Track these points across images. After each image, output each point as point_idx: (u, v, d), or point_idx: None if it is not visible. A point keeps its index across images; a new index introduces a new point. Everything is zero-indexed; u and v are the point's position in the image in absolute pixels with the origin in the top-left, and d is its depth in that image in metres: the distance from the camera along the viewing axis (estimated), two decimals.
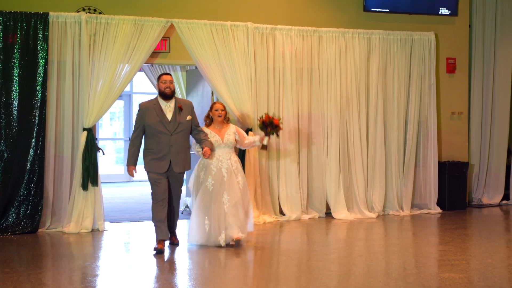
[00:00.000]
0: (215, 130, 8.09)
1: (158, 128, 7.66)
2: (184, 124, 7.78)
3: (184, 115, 7.79)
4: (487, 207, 11.23)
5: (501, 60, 11.47)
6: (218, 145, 7.99)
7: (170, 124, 7.70)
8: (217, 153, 7.98)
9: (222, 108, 8.16)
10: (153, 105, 7.75)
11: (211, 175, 7.88)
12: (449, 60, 11.16)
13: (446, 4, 10.96)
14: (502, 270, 6.75)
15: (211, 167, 7.92)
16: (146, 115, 7.70)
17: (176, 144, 7.71)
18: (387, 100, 10.54)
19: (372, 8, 10.60)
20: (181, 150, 7.76)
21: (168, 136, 7.67)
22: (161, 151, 7.68)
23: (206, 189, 7.86)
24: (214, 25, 9.60)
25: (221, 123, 8.14)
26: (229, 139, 8.05)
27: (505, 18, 11.46)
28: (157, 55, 9.64)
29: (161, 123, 7.66)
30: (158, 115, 7.67)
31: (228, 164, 7.95)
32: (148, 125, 7.69)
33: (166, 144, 7.67)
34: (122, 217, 10.45)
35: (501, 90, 11.48)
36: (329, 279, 6.27)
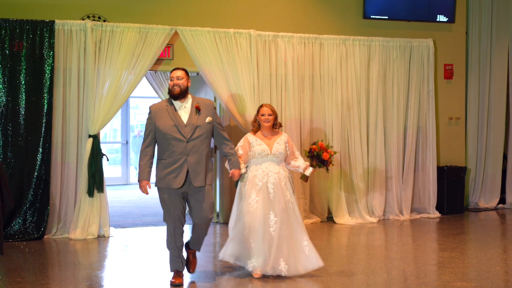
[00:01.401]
0: (263, 138, 6.84)
1: (172, 134, 6.24)
2: (203, 127, 6.34)
3: (203, 117, 6.36)
4: (483, 211, 11.26)
5: (497, 66, 11.49)
6: (265, 155, 6.71)
7: (186, 129, 6.27)
8: (264, 165, 6.69)
9: (270, 112, 6.84)
10: (166, 106, 6.36)
11: (255, 190, 6.56)
12: (447, 66, 11.17)
13: (443, 12, 10.97)
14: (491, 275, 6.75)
15: (255, 181, 6.61)
16: (157, 118, 6.31)
17: (194, 152, 6.27)
18: (387, 106, 10.53)
19: (372, 16, 10.59)
20: (200, 159, 6.29)
21: (184, 143, 6.23)
22: (175, 162, 6.23)
23: (249, 206, 6.52)
24: (218, 33, 9.54)
25: (269, 130, 6.88)
26: (278, 150, 6.75)
27: (500, 25, 11.49)
28: (161, 62, 9.58)
29: (175, 128, 6.24)
30: (171, 118, 6.28)
31: (276, 179, 6.59)
32: (160, 130, 6.28)
33: (181, 153, 6.24)
34: (125, 222, 10.36)
35: (497, 96, 11.50)
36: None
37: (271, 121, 6.84)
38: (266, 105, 6.91)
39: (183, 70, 6.42)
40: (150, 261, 7.65)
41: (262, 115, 6.85)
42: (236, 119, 9.54)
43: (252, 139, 6.83)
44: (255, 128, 6.91)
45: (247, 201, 6.54)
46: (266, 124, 6.83)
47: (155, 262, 7.57)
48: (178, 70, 6.43)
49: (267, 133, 6.87)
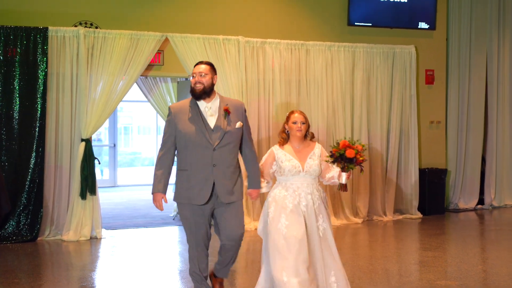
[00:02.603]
0: (293, 152, 5.50)
1: (196, 140, 5.18)
2: (233, 134, 5.29)
3: (233, 121, 5.31)
4: (463, 212, 11.44)
5: (476, 72, 11.68)
6: (296, 173, 5.42)
7: (214, 134, 5.21)
8: (295, 184, 5.43)
9: (302, 119, 5.51)
10: (188, 107, 5.29)
11: (285, 213, 5.34)
12: (428, 72, 11.35)
13: (425, 19, 11.14)
14: (493, 277, 6.91)
15: (285, 203, 5.36)
16: (178, 120, 5.26)
17: (222, 162, 5.22)
18: (371, 110, 10.68)
19: (356, 23, 10.72)
20: (229, 170, 5.27)
21: (210, 150, 5.18)
22: (199, 173, 5.19)
23: (279, 232, 5.32)
24: (207, 39, 9.63)
25: (300, 141, 5.54)
26: (312, 166, 5.44)
27: (478, 32, 11.67)
28: (151, 68, 9.64)
29: (200, 132, 5.19)
30: (195, 121, 5.21)
31: (309, 200, 5.37)
32: (182, 135, 5.22)
33: (207, 163, 5.18)
34: (116, 224, 10.41)
35: (475, 100, 11.69)
36: None
37: (303, 131, 5.53)
38: (298, 112, 5.61)
39: (208, 65, 5.36)
40: (141, 261, 7.72)
41: (293, 123, 5.51)
42: None
43: (280, 154, 5.51)
44: (283, 140, 5.59)
45: (276, 227, 5.33)
46: (298, 134, 5.49)
47: (147, 262, 7.66)
48: (202, 64, 5.37)
49: (298, 145, 5.54)
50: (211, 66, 5.36)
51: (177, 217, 10.72)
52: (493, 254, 8.16)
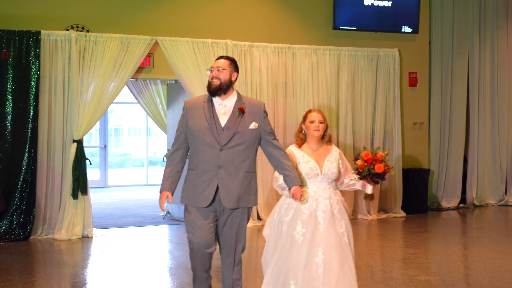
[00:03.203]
0: (310, 153, 5.17)
1: (204, 139, 4.85)
2: (244, 135, 4.88)
3: (247, 122, 4.90)
4: (445, 210, 11.65)
5: (458, 74, 11.90)
6: (313, 175, 5.06)
7: (223, 133, 4.84)
8: (311, 188, 5.06)
9: (321, 118, 5.17)
10: (202, 103, 4.95)
11: (301, 220, 4.98)
12: (411, 74, 11.56)
13: (408, 23, 11.35)
14: (472, 272, 7.13)
15: (301, 208, 5.01)
16: (191, 116, 4.94)
17: (228, 165, 4.83)
18: (355, 112, 10.87)
19: (341, 27, 10.91)
20: (236, 174, 4.86)
21: (217, 151, 4.82)
22: (204, 174, 4.85)
23: (294, 241, 4.96)
24: (196, 42, 9.78)
25: (318, 142, 5.19)
26: (330, 169, 5.09)
27: (460, 36, 11.89)
28: (142, 71, 9.77)
29: (209, 131, 4.84)
30: (206, 118, 4.88)
31: (327, 205, 4.99)
32: (191, 132, 4.91)
33: (212, 163, 4.83)
34: (107, 223, 10.53)
35: (457, 102, 11.91)
36: None
37: (322, 131, 5.16)
38: (316, 110, 5.27)
39: (228, 60, 4.99)
40: (132, 259, 7.87)
41: (311, 122, 5.16)
42: None
43: (298, 154, 5.14)
44: (300, 140, 5.22)
45: (291, 234, 4.97)
46: (316, 134, 5.14)
47: (137, 260, 7.81)
48: (222, 58, 5.01)
49: (316, 146, 5.19)
50: (232, 61, 4.99)
51: (167, 216, 10.87)
52: (473, 251, 8.38)
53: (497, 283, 6.48)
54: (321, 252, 4.89)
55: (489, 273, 6.94)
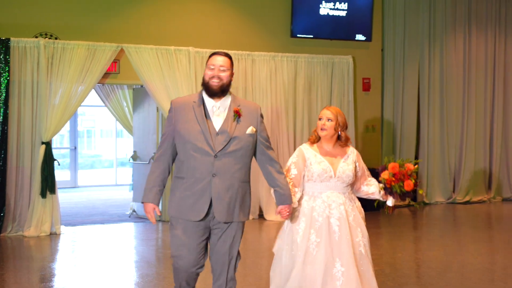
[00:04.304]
0: (324, 153, 4.66)
1: (196, 144, 4.29)
2: (241, 140, 4.35)
3: (244, 126, 4.36)
4: (397, 208, 12.15)
5: (409, 80, 12.45)
6: (326, 178, 4.57)
7: (218, 138, 4.30)
8: (324, 193, 4.58)
9: (330, 116, 4.63)
10: (192, 103, 4.36)
11: (315, 229, 4.49)
12: (365, 80, 12.09)
13: (361, 31, 11.87)
14: (410, 263, 7.66)
15: (313, 216, 4.51)
16: (179, 119, 4.37)
17: (224, 173, 4.29)
18: (312, 116, 11.35)
19: (298, 35, 11.39)
20: (232, 183, 4.32)
21: (211, 157, 4.27)
22: (196, 183, 4.29)
23: (308, 253, 4.47)
24: (160, 50, 10.17)
25: (330, 142, 4.67)
26: (345, 172, 4.60)
27: (411, 43, 12.45)
28: (108, 76, 10.13)
29: (202, 135, 4.29)
30: (198, 121, 4.31)
31: (342, 211, 4.54)
32: (181, 136, 4.34)
33: (205, 172, 4.28)
34: (75, 221, 10.87)
35: (409, 106, 12.46)
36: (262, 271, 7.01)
37: (329, 130, 4.61)
38: (329, 107, 4.73)
39: (229, 58, 4.45)
40: (99, 254, 8.26)
41: (319, 120, 4.68)
42: None
43: (309, 154, 4.64)
44: (314, 138, 4.71)
45: (305, 245, 4.46)
46: (323, 134, 4.63)
47: (104, 255, 8.20)
48: (222, 56, 4.42)
49: (330, 147, 4.69)
50: (231, 60, 4.46)
51: (133, 214, 11.24)
52: (424, 245, 8.92)
53: (430, 273, 7.03)
54: (339, 264, 4.41)
55: (419, 263, 7.47)
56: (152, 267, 7.48)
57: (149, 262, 7.80)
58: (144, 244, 8.91)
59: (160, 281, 6.74)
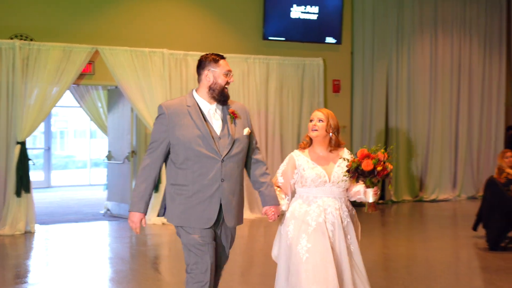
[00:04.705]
0: (317, 158, 4.47)
1: (199, 149, 4.10)
2: (242, 142, 4.23)
3: (240, 127, 4.25)
4: (378, 205, 12.43)
5: (377, 81, 12.74)
6: (321, 183, 4.39)
7: (221, 142, 4.16)
8: (319, 197, 4.39)
9: (320, 117, 4.48)
10: (187, 107, 4.16)
11: (307, 234, 4.31)
12: (335, 81, 12.35)
13: (332, 34, 12.13)
14: (377, 258, 7.91)
15: (307, 220, 4.34)
16: (175, 124, 4.14)
17: (231, 177, 4.18)
18: (283, 116, 11.58)
19: (270, 37, 11.61)
20: (236, 187, 4.23)
21: (218, 162, 4.12)
22: (205, 190, 4.12)
23: (297, 257, 4.28)
24: (134, 51, 10.29)
25: (323, 145, 4.50)
26: (340, 176, 4.40)
27: (380, 46, 12.74)
28: (83, 77, 10.22)
29: (205, 140, 4.11)
30: (198, 126, 4.12)
31: (336, 217, 4.35)
32: (182, 143, 4.12)
33: (213, 177, 4.12)
34: (49, 220, 10.94)
35: (377, 107, 12.75)
36: (236, 267, 7.21)
37: (320, 131, 4.45)
38: (320, 109, 4.59)
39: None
40: (73, 251, 8.38)
41: (310, 121, 4.52)
42: (151, 127, 10.30)
43: (301, 161, 4.46)
44: (305, 143, 4.55)
45: (295, 250, 4.29)
46: (313, 134, 4.46)
47: (78, 251, 8.32)
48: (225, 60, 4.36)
49: (322, 151, 4.50)
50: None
51: (107, 213, 11.35)
52: (391, 241, 9.19)
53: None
54: (331, 270, 4.23)
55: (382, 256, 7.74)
56: (126, 263, 7.64)
57: (123, 258, 7.95)
58: (118, 241, 9.05)
59: (134, 276, 6.91)
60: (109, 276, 6.99)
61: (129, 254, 8.28)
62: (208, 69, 4.22)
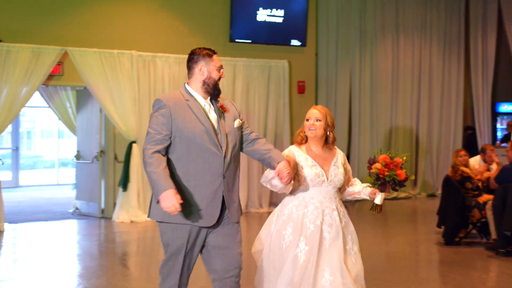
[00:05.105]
0: (314, 156, 4.30)
1: (204, 144, 3.98)
2: (234, 135, 4.12)
3: (230, 120, 4.13)
4: None
5: (341, 82, 13.06)
6: (318, 182, 4.20)
7: (220, 137, 4.04)
8: (316, 198, 4.20)
9: (318, 116, 4.34)
10: (185, 101, 4.03)
11: (305, 236, 4.13)
12: (300, 83, 12.63)
13: (297, 37, 12.41)
14: None
15: (304, 222, 4.16)
16: (178, 117, 3.98)
17: (229, 173, 4.07)
18: (250, 116, 11.80)
19: (237, 39, 11.83)
20: (235, 182, 4.15)
21: (221, 158, 4.01)
22: (208, 186, 4.00)
23: (296, 261, 4.08)
24: (103, 53, 10.43)
25: (319, 144, 4.33)
26: (337, 176, 4.26)
27: (343, 49, 13.06)
28: (52, 78, 10.33)
29: (208, 135, 3.99)
30: (200, 120, 4.00)
31: (335, 218, 4.19)
32: (185, 137, 3.97)
33: (215, 173, 4.01)
34: (18, 219, 11.00)
35: (341, 108, 13.07)
36: None
37: (319, 130, 4.31)
38: (317, 106, 4.45)
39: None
40: (42, 248, 8.50)
41: (307, 120, 4.37)
42: (120, 127, 10.48)
43: (300, 157, 4.27)
44: (300, 138, 4.37)
45: (293, 253, 4.09)
46: (311, 134, 4.32)
47: (47, 249, 8.44)
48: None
49: (319, 149, 4.33)
50: None
51: (76, 212, 11.45)
52: None
53: None
54: (327, 273, 4.08)
55: None
56: (95, 260, 7.80)
57: (92, 255, 8.11)
58: (87, 239, 9.19)
59: (103, 272, 7.07)
60: (78, 272, 7.14)
61: (98, 251, 8.44)
62: (202, 63, 4.11)
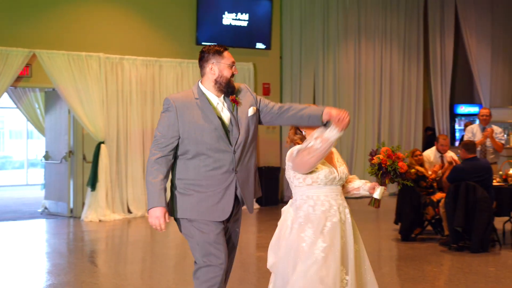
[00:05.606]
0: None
1: (212, 143, 3.95)
2: (248, 126, 4.04)
3: (244, 110, 4.05)
4: None
5: (305, 84, 13.36)
6: (331, 179, 4.00)
7: (233, 134, 3.99)
8: (329, 195, 3.99)
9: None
10: (195, 100, 3.97)
11: (323, 234, 3.92)
12: (265, 85, 12.90)
13: (261, 40, 12.66)
14: None
15: (321, 219, 3.94)
16: (186, 118, 3.94)
17: (241, 166, 4.02)
18: None
19: (203, 42, 12.02)
20: (249, 174, 4.09)
21: (230, 154, 3.97)
22: (219, 182, 3.97)
23: (316, 261, 3.85)
24: (71, 55, 10.56)
25: None
26: (344, 171, 4.09)
27: (307, 52, 13.37)
28: (20, 79, 10.43)
29: (217, 133, 3.95)
30: (209, 119, 3.95)
31: (347, 215, 4.03)
32: (193, 137, 3.94)
33: (227, 170, 3.97)
34: None
35: None
36: (168, 260, 7.63)
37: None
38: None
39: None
40: (8, 247, 8.60)
41: None
42: (88, 128, 10.62)
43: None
44: (301, 141, 4.08)
45: (311, 250, 3.88)
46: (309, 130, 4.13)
47: (15, 247, 8.55)
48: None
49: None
50: None
51: (45, 211, 11.54)
52: None
53: None
54: (344, 272, 3.93)
55: None
56: (64, 257, 7.95)
57: (61, 252, 8.25)
58: (55, 237, 9.32)
59: (72, 269, 7.23)
60: (46, 269, 7.28)
61: (67, 249, 8.58)
62: (212, 62, 3.99)
